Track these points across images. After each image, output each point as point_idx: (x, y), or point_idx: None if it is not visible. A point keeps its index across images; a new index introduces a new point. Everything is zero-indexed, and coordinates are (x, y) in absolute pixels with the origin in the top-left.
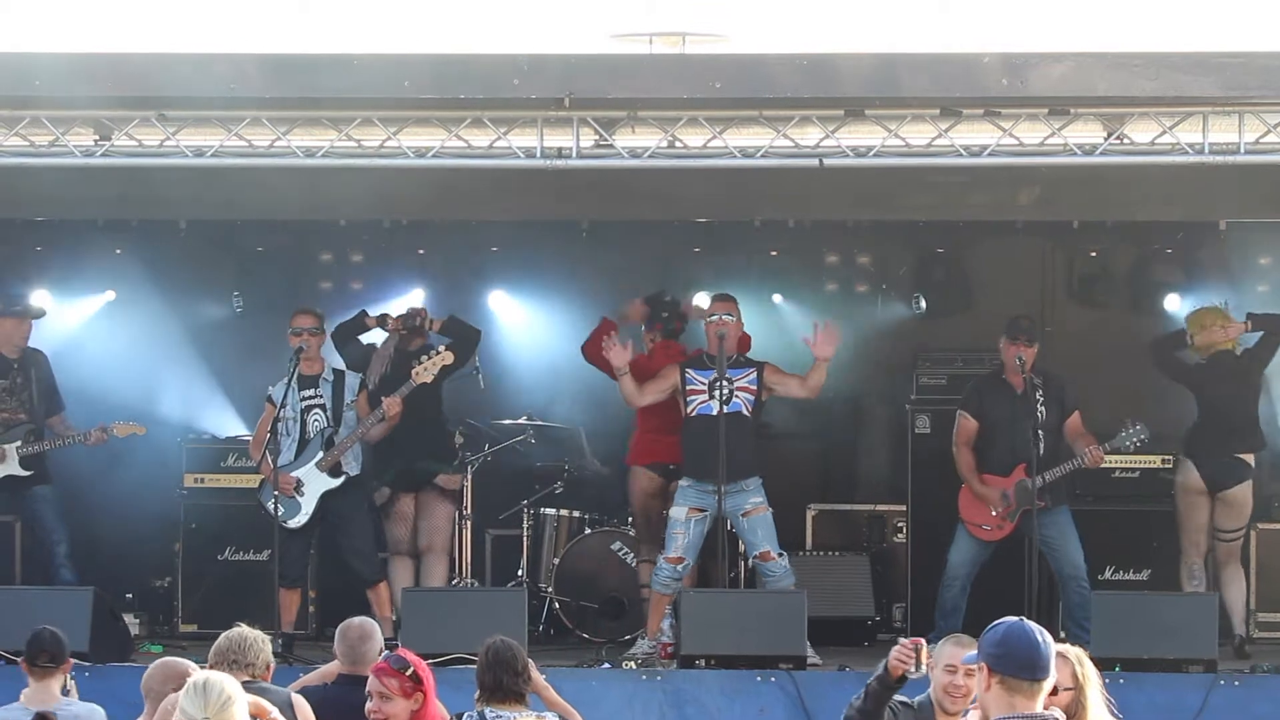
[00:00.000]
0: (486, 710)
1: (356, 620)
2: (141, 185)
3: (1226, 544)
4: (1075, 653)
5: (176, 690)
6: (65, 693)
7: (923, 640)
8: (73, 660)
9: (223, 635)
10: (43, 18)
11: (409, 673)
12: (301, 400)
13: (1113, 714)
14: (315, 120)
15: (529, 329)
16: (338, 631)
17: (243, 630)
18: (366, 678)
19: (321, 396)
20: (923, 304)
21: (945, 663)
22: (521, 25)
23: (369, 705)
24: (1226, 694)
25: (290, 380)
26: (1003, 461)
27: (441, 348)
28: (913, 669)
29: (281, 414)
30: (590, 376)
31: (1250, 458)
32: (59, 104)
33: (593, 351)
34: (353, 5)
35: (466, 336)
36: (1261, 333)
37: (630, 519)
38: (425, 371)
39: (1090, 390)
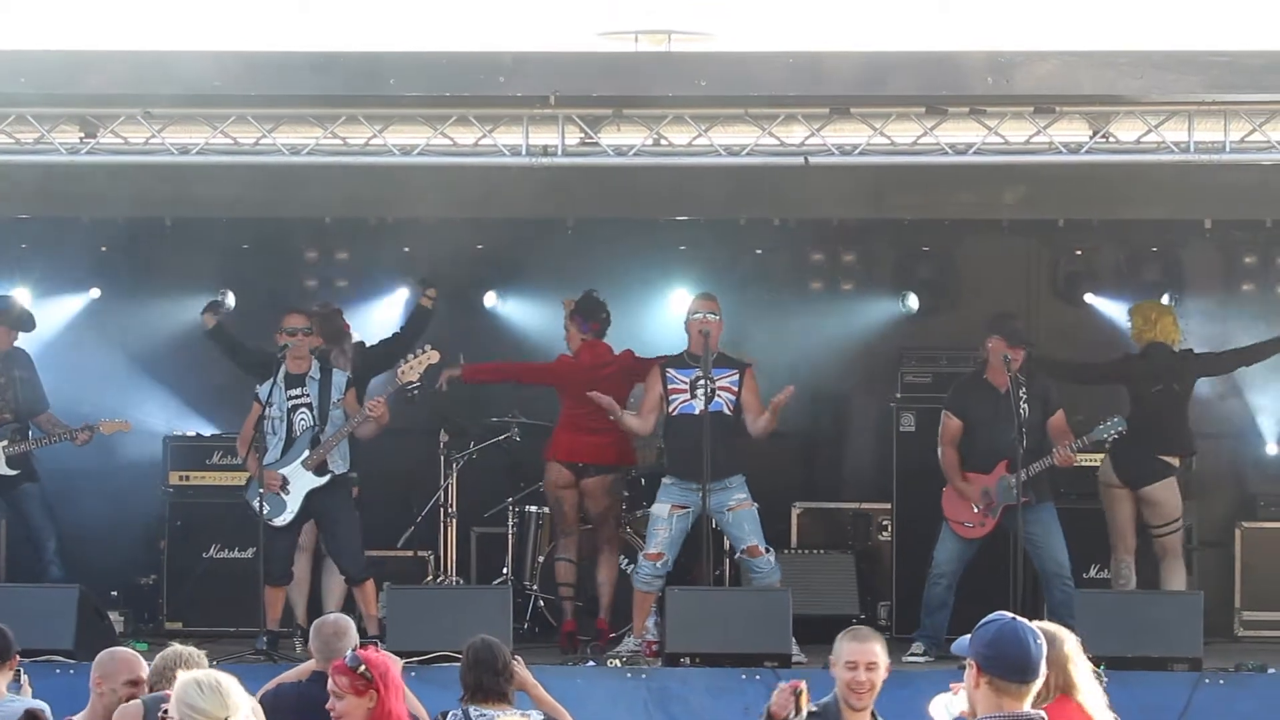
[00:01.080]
0: (471, 709)
1: (331, 617)
2: (126, 183)
3: (1160, 539)
4: (1050, 631)
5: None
6: (17, 689)
7: (802, 683)
8: (19, 657)
9: (158, 656)
10: (31, 14)
11: (360, 670)
12: (288, 399)
13: (1099, 677)
14: (300, 118)
15: (514, 326)
16: (312, 628)
17: (177, 647)
18: None
19: (308, 395)
20: (913, 302)
21: (845, 660)
22: (507, 23)
23: (329, 703)
24: (1211, 692)
25: (277, 378)
26: (986, 460)
27: (428, 346)
28: (792, 714)
29: (268, 412)
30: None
31: (1175, 460)
32: (44, 101)
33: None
34: (352, 5)
35: (415, 324)
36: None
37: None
38: (411, 370)
39: (1075, 388)
